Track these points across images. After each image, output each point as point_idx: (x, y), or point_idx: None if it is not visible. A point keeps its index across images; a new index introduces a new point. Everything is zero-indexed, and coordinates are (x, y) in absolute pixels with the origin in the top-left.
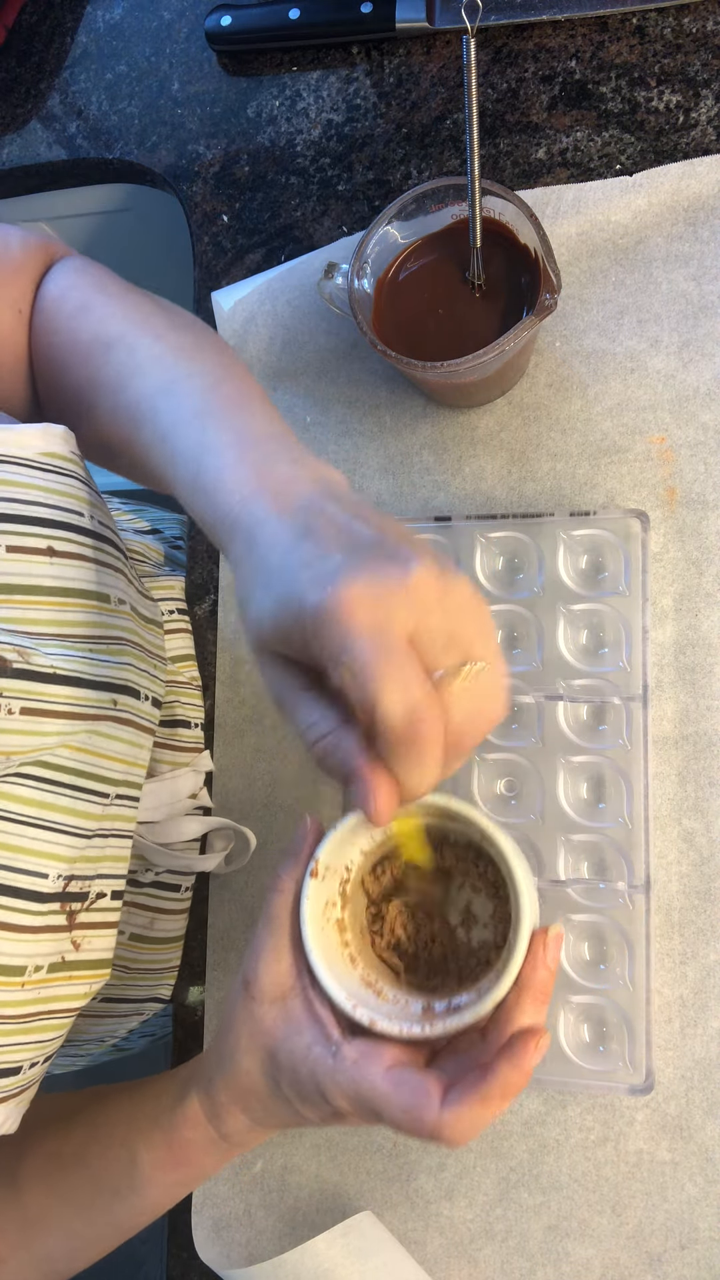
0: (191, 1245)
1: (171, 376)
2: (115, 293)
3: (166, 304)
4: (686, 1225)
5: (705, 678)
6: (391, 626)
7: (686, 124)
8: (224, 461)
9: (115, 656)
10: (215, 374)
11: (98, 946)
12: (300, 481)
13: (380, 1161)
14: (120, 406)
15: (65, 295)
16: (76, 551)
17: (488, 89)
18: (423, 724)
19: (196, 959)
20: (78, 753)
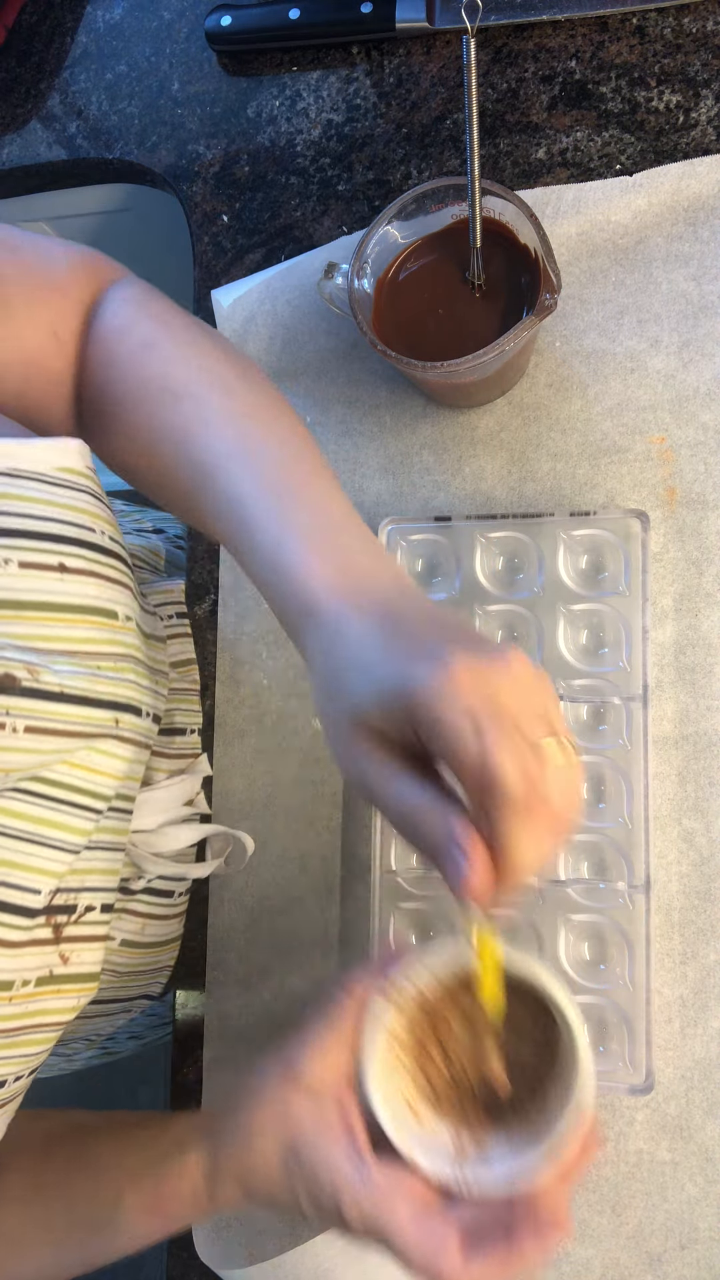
0: (192, 1245)
1: (245, 442)
2: (180, 331)
3: (228, 346)
4: (686, 1225)
5: (705, 678)
6: (502, 702)
7: (686, 124)
8: (305, 548)
9: (121, 674)
10: (288, 443)
11: (86, 960)
12: (380, 577)
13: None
14: (187, 461)
15: (127, 330)
16: (87, 568)
17: (488, 89)
18: (539, 793)
19: (196, 959)
20: (75, 768)
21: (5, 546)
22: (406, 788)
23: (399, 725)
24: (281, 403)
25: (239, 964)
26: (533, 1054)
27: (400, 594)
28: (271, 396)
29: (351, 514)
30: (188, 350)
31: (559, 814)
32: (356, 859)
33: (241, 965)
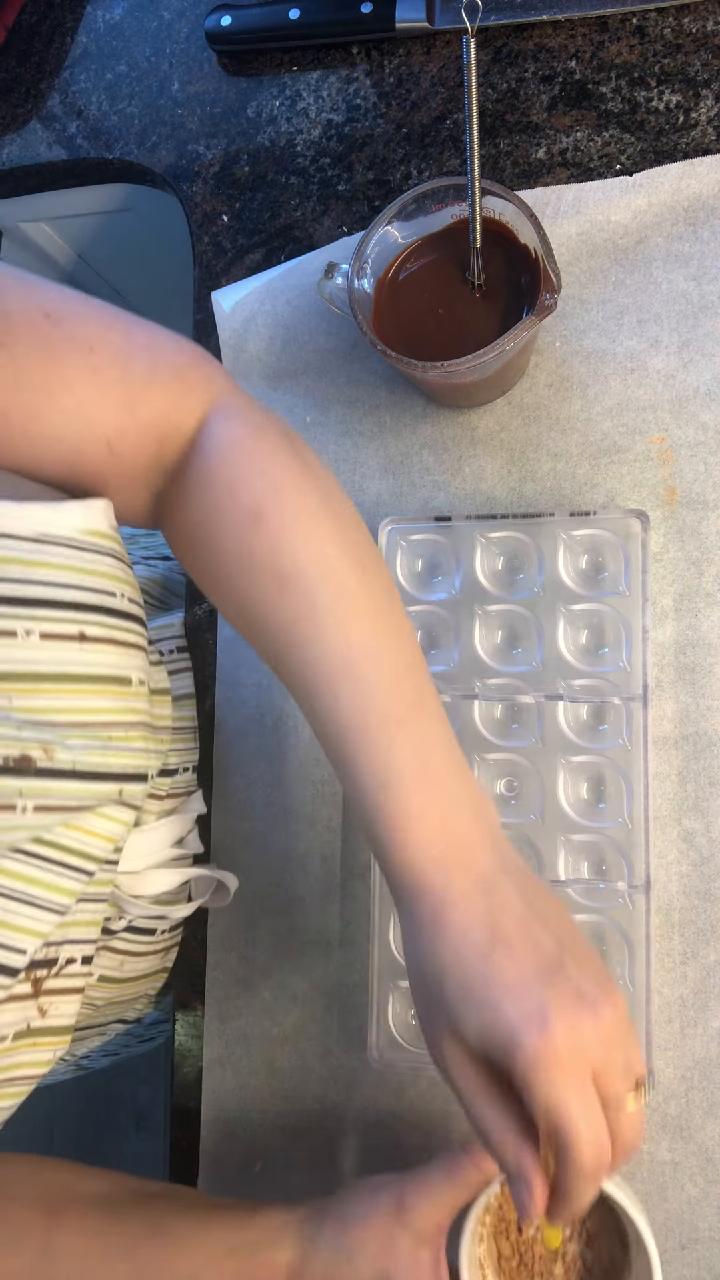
0: None
1: (351, 652)
2: (292, 497)
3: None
4: (686, 1225)
5: (705, 678)
6: (587, 1075)
7: (686, 124)
8: (409, 806)
9: (129, 743)
10: (396, 657)
11: (63, 1012)
12: (479, 845)
13: (381, 1162)
14: (291, 662)
15: (236, 488)
16: (106, 635)
17: (488, 89)
18: (603, 1164)
19: (197, 959)
20: (72, 830)
21: (29, 617)
22: (490, 1108)
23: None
24: (389, 591)
25: (239, 964)
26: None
27: (499, 867)
28: (382, 586)
29: (453, 749)
30: (298, 528)
31: (623, 1157)
32: (356, 859)
33: (241, 966)
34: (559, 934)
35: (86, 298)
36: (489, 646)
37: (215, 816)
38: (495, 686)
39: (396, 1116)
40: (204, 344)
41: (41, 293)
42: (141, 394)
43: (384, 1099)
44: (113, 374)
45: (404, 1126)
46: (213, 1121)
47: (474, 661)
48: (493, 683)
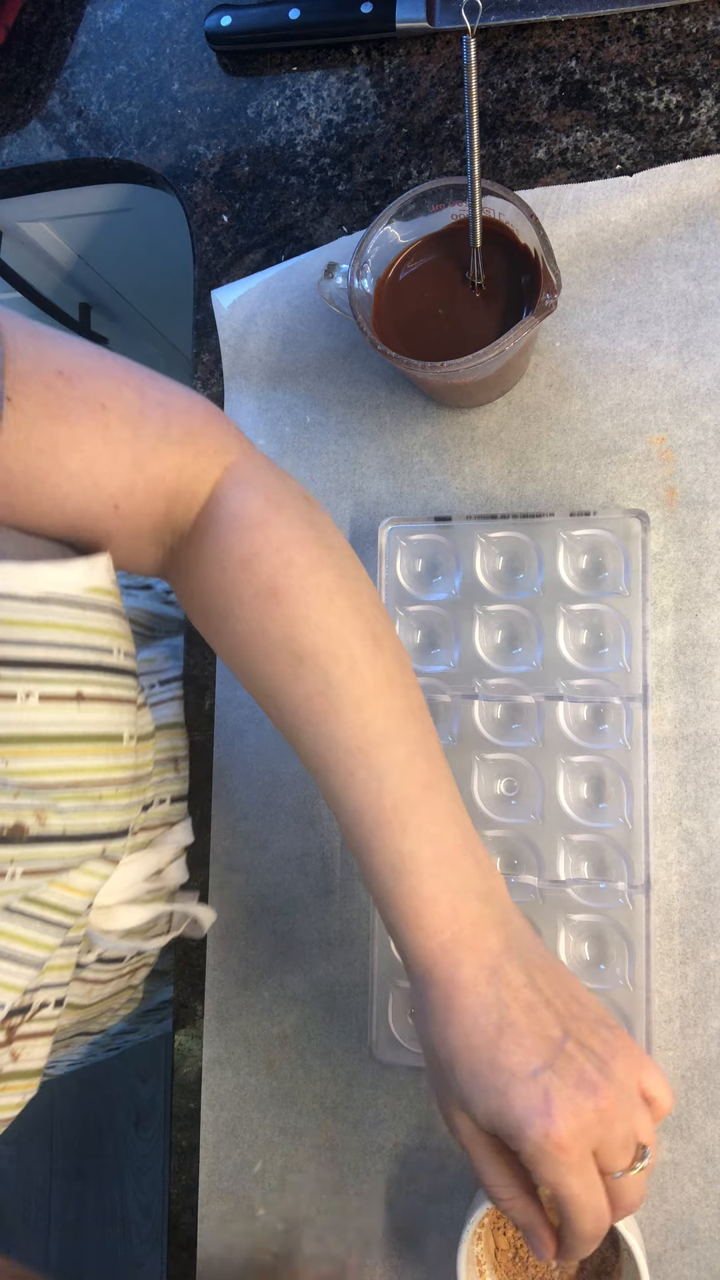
0: (192, 1245)
1: (365, 735)
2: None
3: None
4: (686, 1225)
5: (705, 678)
6: (588, 1154)
7: (686, 124)
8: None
9: (118, 799)
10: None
11: (34, 1055)
12: (488, 928)
13: (381, 1161)
14: (307, 740)
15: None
16: (102, 694)
17: (488, 89)
18: (601, 1229)
19: (196, 959)
20: (54, 888)
21: (31, 679)
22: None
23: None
24: (404, 669)
25: (239, 964)
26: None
27: (506, 951)
28: (397, 664)
29: (466, 830)
30: (313, 608)
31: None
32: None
33: (242, 966)
34: (563, 1012)
35: (101, 352)
36: (489, 646)
37: (215, 817)
38: (495, 686)
39: (396, 1116)
40: (204, 344)
41: (55, 350)
42: (153, 452)
43: (384, 1099)
44: (124, 432)
45: (404, 1126)
46: (213, 1121)
47: (474, 661)
48: (493, 683)
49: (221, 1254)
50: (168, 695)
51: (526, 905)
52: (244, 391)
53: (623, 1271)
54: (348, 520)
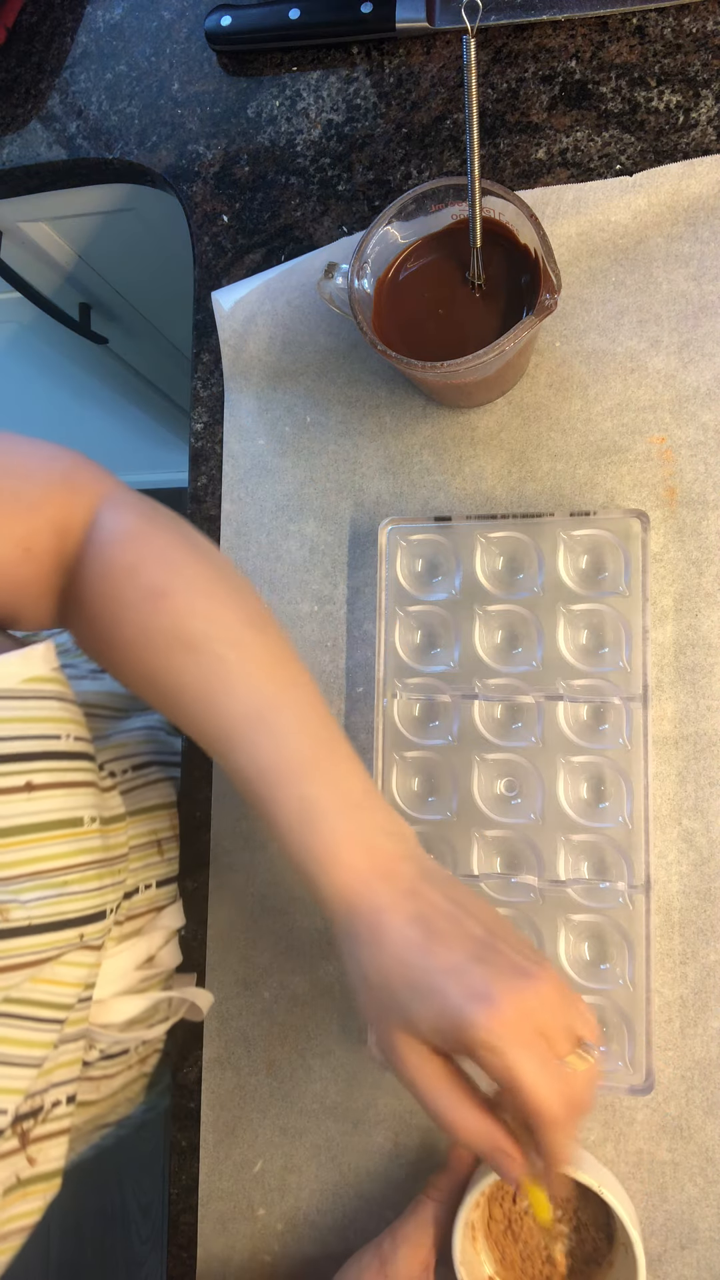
0: (192, 1245)
1: (261, 702)
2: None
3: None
4: (686, 1225)
5: (705, 678)
6: (538, 1037)
7: (686, 124)
8: (332, 836)
9: (85, 884)
10: (303, 703)
11: (53, 1156)
12: (400, 859)
13: (381, 1162)
14: (207, 721)
15: (134, 570)
16: (53, 780)
17: (488, 89)
18: (573, 1111)
19: (197, 959)
20: (38, 984)
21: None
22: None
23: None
24: (289, 648)
25: (239, 964)
26: (598, 1240)
27: (421, 876)
28: (281, 644)
29: (367, 782)
30: (198, 599)
31: (581, 1111)
32: None
33: (242, 965)
34: (486, 922)
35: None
36: (489, 646)
37: (215, 817)
38: (495, 686)
39: (396, 1116)
40: (204, 344)
41: None
42: (44, 497)
43: (384, 1099)
44: (18, 484)
45: (404, 1126)
46: (213, 1121)
47: (474, 661)
48: (493, 683)
49: (221, 1254)
50: (143, 780)
51: (526, 905)
52: (244, 391)
53: (615, 1263)
54: (348, 520)
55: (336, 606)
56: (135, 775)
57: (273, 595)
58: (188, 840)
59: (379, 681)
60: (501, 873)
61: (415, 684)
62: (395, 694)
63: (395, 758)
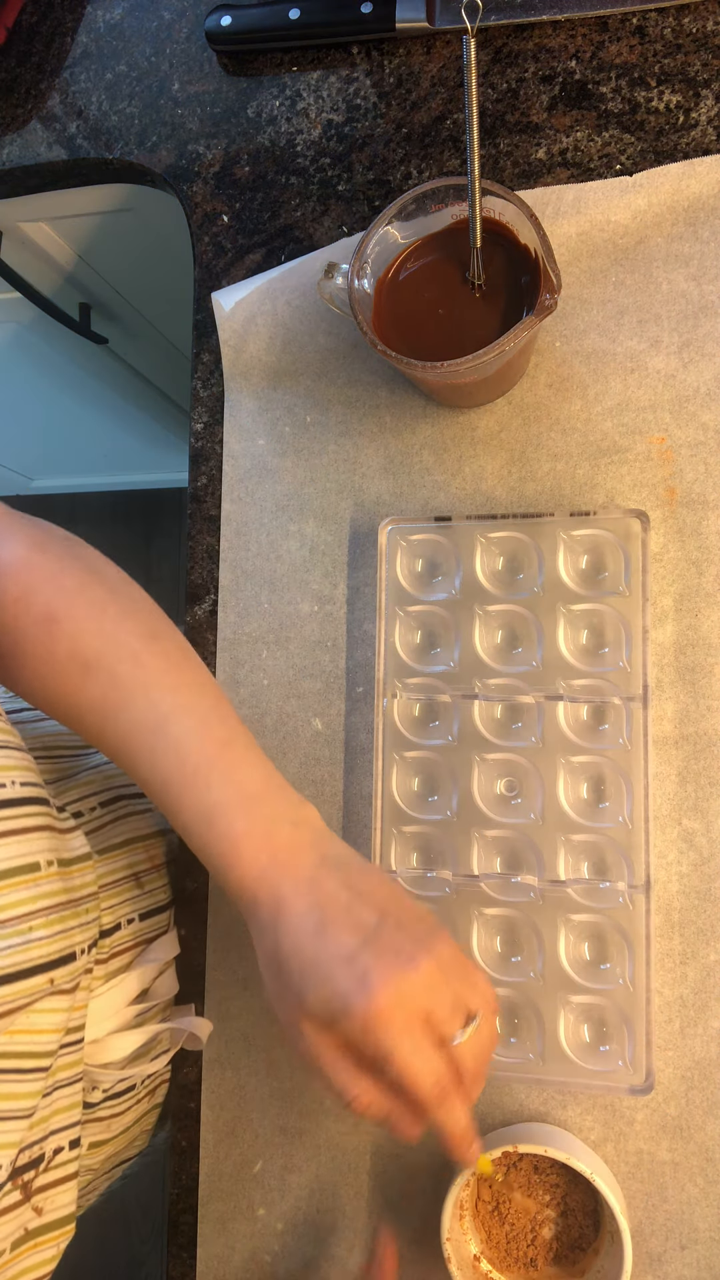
0: (192, 1245)
1: (157, 714)
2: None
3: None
4: (686, 1225)
5: (705, 678)
6: (414, 1021)
7: (686, 124)
8: (234, 830)
9: (49, 928)
10: (197, 706)
11: (60, 1204)
12: (300, 848)
13: (381, 1162)
14: (108, 734)
15: (26, 600)
16: (3, 830)
17: (488, 89)
18: (446, 1090)
19: (197, 959)
20: (15, 1035)
21: None
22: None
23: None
24: (186, 653)
25: (239, 964)
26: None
27: (319, 863)
28: (179, 651)
29: (267, 772)
30: (90, 620)
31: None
32: None
33: (242, 965)
34: (380, 906)
35: None
36: (489, 646)
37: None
38: (495, 686)
39: None
40: (204, 344)
41: None
42: None
43: None
44: None
45: None
46: (213, 1121)
47: (474, 661)
48: (493, 683)
49: (221, 1254)
50: (111, 816)
51: (527, 905)
52: (244, 391)
53: (601, 1250)
54: (348, 520)
55: (336, 606)
56: (104, 811)
57: (273, 595)
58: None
59: (379, 681)
60: (501, 873)
61: (415, 684)
62: (395, 694)
63: (395, 758)
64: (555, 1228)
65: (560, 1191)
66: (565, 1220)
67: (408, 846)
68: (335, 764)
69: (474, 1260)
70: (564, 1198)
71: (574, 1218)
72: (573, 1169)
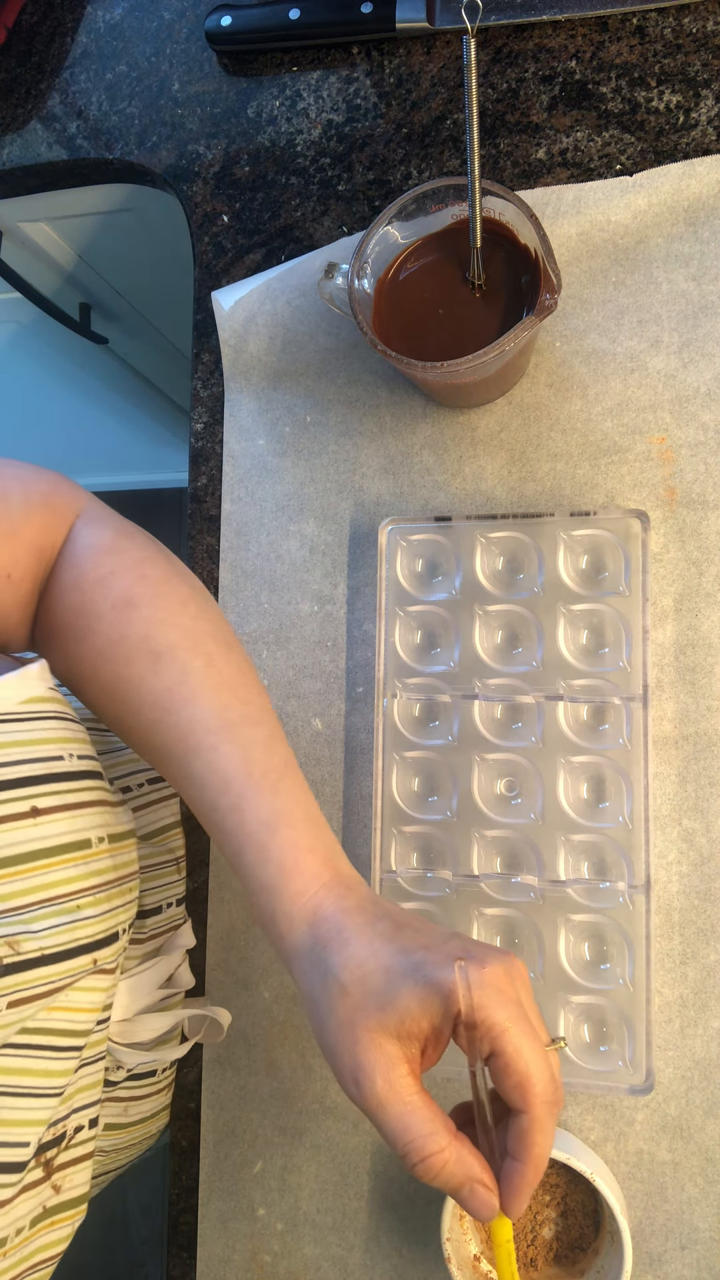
0: (192, 1245)
1: (229, 717)
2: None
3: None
4: (686, 1225)
5: (705, 678)
6: (523, 1005)
7: (686, 124)
8: (299, 841)
9: (96, 907)
10: (266, 722)
11: (77, 1182)
12: (356, 879)
13: (381, 1161)
14: (165, 725)
15: (105, 582)
16: (59, 804)
17: (488, 89)
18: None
19: (197, 959)
20: (54, 1011)
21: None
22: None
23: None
24: (252, 669)
25: (239, 964)
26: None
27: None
28: (246, 663)
29: (315, 803)
30: (168, 612)
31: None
32: (356, 859)
33: (242, 966)
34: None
35: None
36: (489, 646)
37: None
38: (495, 686)
39: None
40: (204, 344)
41: None
42: (24, 520)
43: None
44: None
45: None
46: (213, 1121)
47: (474, 661)
48: (493, 683)
49: (221, 1254)
50: (157, 795)
51: (527, 905)
52: (244, 391)
53: (601, 1250)
54: (348, 520)
55: (336, 606)
56: (150, 789)
57: (273, 595)
58: (188, 841)
59: (379, 681)
60: (501, 873)
61: (415, 684)
62: (395, 694)
63: (395, 758)
64: (555, 1228)
65: (560, 1191)
66: (565, 1220)
67: (408, 846)
68: (335, 764)
69: (474, 1260)
70: (564, 1198)
71: (574, 1218)
72: (573, 1169)
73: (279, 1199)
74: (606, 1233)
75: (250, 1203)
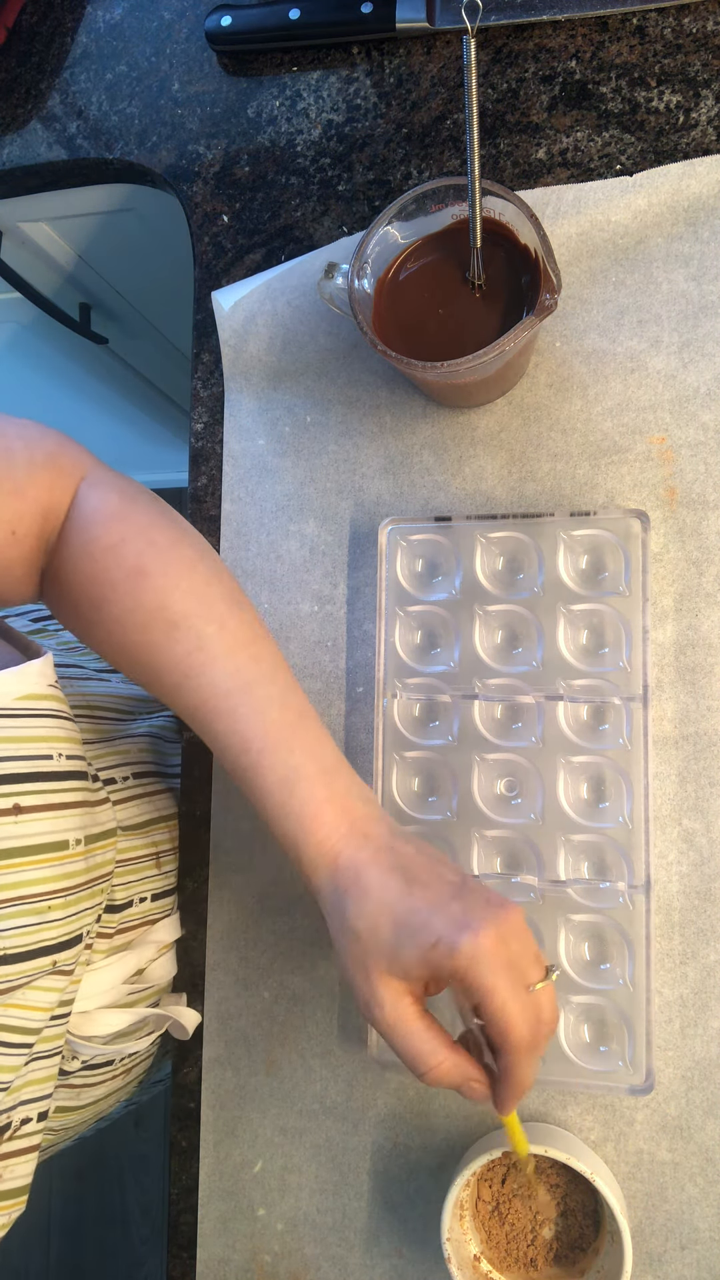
0: (192, 1245)
1: (244, 678)
2: (169, 551)
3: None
4: (686, 1225)
5: (705, 678)
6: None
7: (686, 124)
8: (316, 796)
9: (65, 910)
10: (276, 677)
11: (19, 1174)
12: (374, 820)
13: (381, 1161)
14: (185, 692)
15: (117, 549)
16: (41, 803)
17: (488, 89)
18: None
19: (197, 959)
20: (8, 1009)
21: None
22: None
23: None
24: (263, 626)
25: (239, 964)
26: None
27: (393, 834)
28: (257, 622)
29: (338, 752)
30: (180, 578)
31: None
32: None
33: (242, 966)
34: (455, 869)
35: None
36: (489, 646)
37: (215, 817)
38: (495, 686)
39: (396, 1116)
40: (204, 344)
41: None
42: (29, 478)
43: (384, 1099)
44: (2, 468)
45: (404, 1127)
46: (213, 1121)
47: (474, 661)
48: (493, 683)
49: (221, 1254)
50: (142, 790)
51: (527, 905)
52: (244, 391)
53: (601, 1250)
54: (348, 520)
55: (336, 606)
56: (135, 784)
57: (273, 595)
58: (187, 840)
59: (379, 681)
60: (501, 873)
61: (415, 684)
62: (395, 694)
63: (395, 758)
64: (555, 1228)
65: (560, 1191)
66: (565, 1220)
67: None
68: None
69: (474, 1260)
70: (564, 1198)
71: (574, 1218)
72: (573, 1169)
73: (279, 1199)
74: (606, 1233)
75: (250, 1203)
